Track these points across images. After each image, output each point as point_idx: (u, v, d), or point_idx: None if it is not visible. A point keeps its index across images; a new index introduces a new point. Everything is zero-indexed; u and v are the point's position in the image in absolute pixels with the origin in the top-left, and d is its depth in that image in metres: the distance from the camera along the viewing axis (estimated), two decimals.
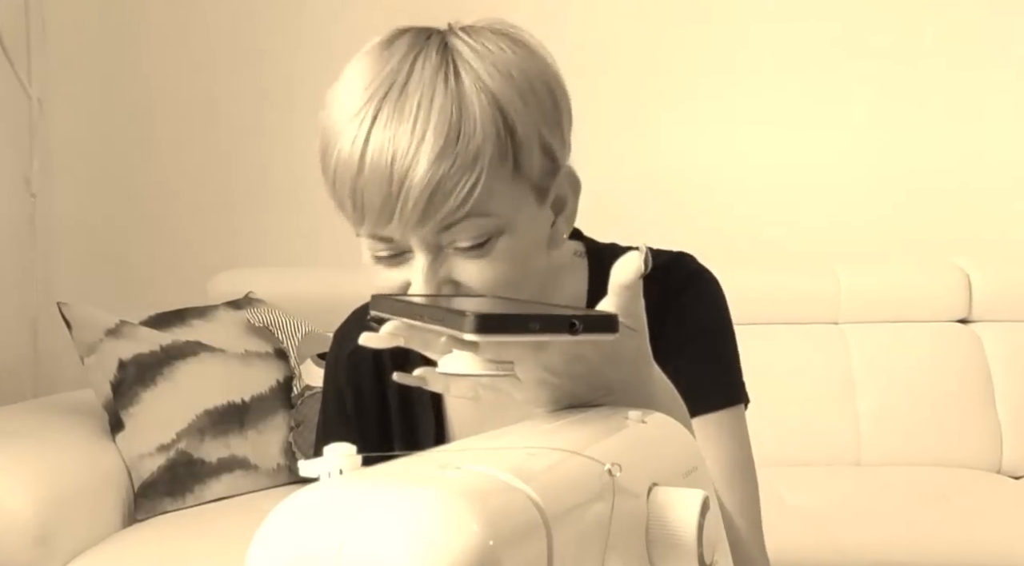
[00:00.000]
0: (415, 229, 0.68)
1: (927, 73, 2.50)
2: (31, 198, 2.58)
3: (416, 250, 0.70)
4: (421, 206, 0.66)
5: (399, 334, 0.56)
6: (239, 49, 2.66)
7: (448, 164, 0.65)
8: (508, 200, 0.70)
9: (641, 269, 0.54)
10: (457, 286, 0.71)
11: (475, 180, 0.66)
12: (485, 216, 0.68)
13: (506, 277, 0.71)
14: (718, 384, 0.83)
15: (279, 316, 2.14)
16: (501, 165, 0.68)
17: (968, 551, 1.69)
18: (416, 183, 0.65)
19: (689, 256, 0.87)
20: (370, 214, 0.68)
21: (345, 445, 0.43)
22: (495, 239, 0.70)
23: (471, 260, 0.70)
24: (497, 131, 0.68)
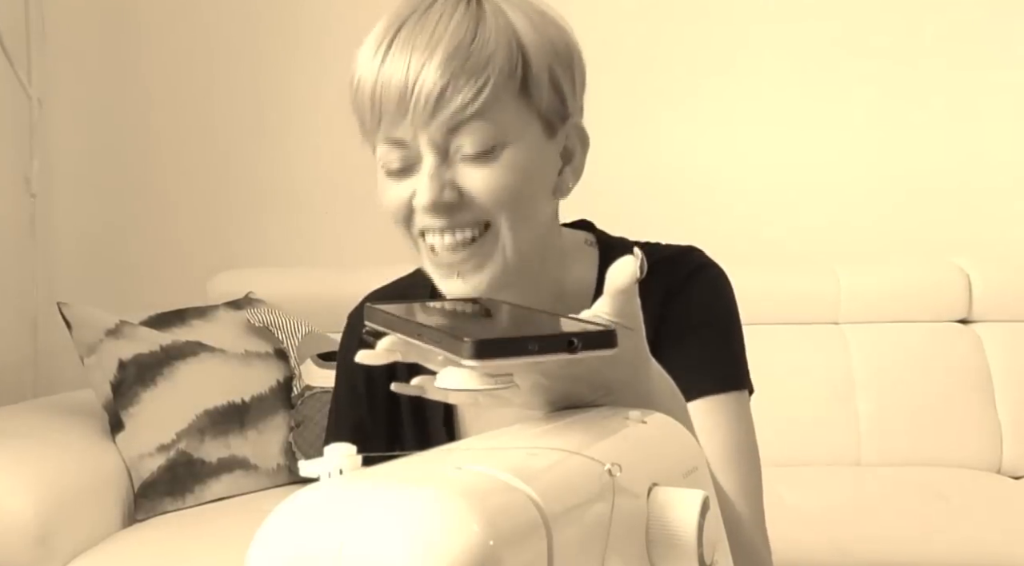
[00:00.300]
0: (425, 127, 0.72)
1: (927, 73, 2.50)
2: (31, 198, 2.58)
3: (424, 152, 0.74)
4: (432, 100, 0.71)
5: (396, 350, 0.56)
6: (238, 50, 2.66)
7: (460, 63, 0.71)
8: (515, 117, 0.74)
9: (636, 274, 0.54)
10: (461, 193, 0.74)
11: (484, 82, 0.72)
12: (491, 122, 0.73)
13: (510, 190, 0.75)
14: (721, 368, 0.84)
15: (279, 316, 2.14)
16: (510, 79, 0.73)
17: (968, 551, 1.69)
18: (429, 78, 0.71)
19: (698, 250, 0.90)
20: (386, 114, 0.73)
21: (345, 445, 0.43)
22: (500, 149, 0.74)
23: (476, 168, 0.74)
24: (509, 48, 0.73)
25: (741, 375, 0.85)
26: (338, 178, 2.63)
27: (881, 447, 2.16)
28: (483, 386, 0.48)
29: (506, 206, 0.75)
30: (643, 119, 2.54)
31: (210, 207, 2.68)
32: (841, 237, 2.51)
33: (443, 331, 0.48)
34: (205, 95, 2.68)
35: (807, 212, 2.53)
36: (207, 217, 2.68)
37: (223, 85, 2.67)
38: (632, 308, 0.56)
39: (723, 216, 2.52)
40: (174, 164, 2.69)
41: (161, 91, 2.69)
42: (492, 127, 0.73)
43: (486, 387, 0.48)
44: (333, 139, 2.64)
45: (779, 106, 2.55)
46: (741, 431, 0.83)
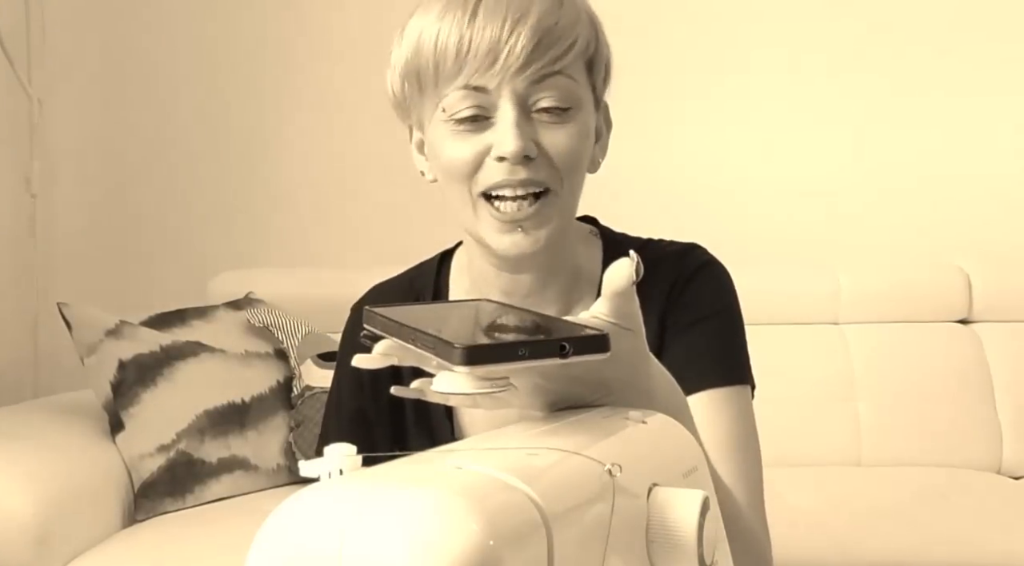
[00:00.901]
0: (515, 75, 0.75)
1: (927, 74, 2.50)
2: (31, 198, 2.58)
3: (504, 102, 0.76)
4: (529, 48, 0.74)
5: (392, 354, 0.56)
6: (239, 50, 2.66)
7: (551, 23, 0.76)
8: (583, 86, 0.80)
9: (633, 276, 0.54)
10: (539, 149, 0.77)
11: (570, 45, 0.77)
12: (572, 80, 0.78)
13: (578, 154, 0.79)
14: (723, 362, 0.85)
15: (279, 316, 2.14)
16: (585, 49, 0.79)
17: (968, 551, 1.69)
18: (525, 32, 0.74)
19: (700, 247, 0.91)
20: (474, 60, 0.75)
21: (345, 445, 0.44)
22: (575, 110, 0.78)
23: (554, 126, 0.78)
24: (586, 22, 0.80)
25: (743, 370, 0.86)
26: (339, 179, 2.63)
27: (881, 447, 2.16)
28: (478, 389, 0.48)
29: (572, 169, 0.79)
30: (643, 119, 2.54)
31: (210, 207, 2.68)
32: (841, 237, 2.51)
33: (435, 337, 0.48)
34: (205, 95, 2.68)
35: (807, 212, 2.53)
36: (207, 217, 2.68)
37: (223, 85, 2.67)
38: (630, 309, 0.56)
39: (723, 216, 2.52)
40: (174, 165, 2.69)
41: (161, 91, 2.69)
42: (572, 86, 0.78)
43: (481, 390, 0.48)
44: (333, 140, 2.64)
45: (779, 106, 2.55)
46: (742, 423, 0.84)
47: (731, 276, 0.90)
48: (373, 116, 2.60)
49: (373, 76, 2.60)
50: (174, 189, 2.69)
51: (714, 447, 0.79)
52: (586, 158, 0.81)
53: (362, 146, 2.60)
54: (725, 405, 0.83)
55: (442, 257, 0.97)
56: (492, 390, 0.49)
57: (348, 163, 2.63)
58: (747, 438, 0.84)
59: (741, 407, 0.84)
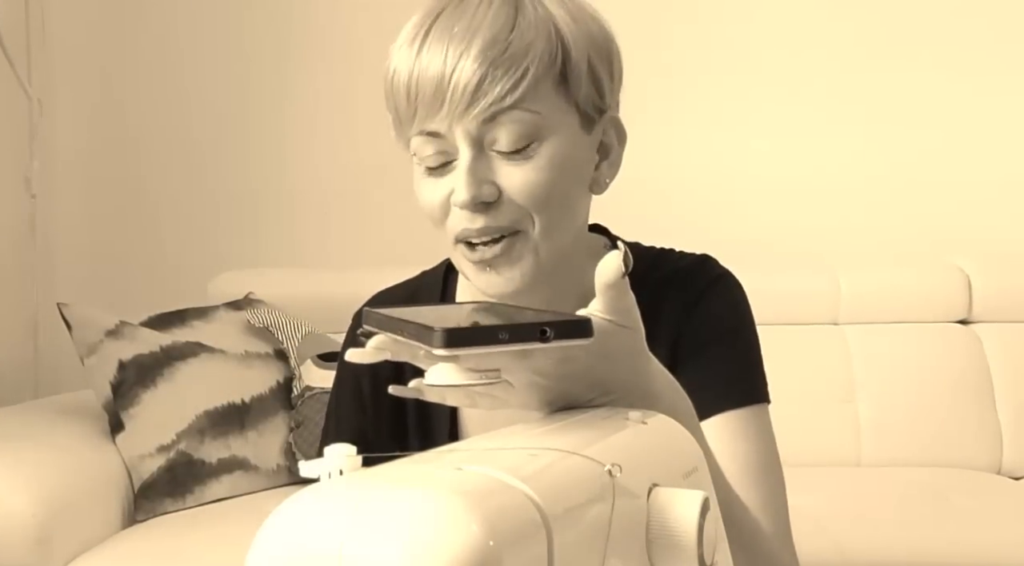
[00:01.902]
0: (461, 118, 0.70)
1: (927, 74, 2.50)
2: (31, 199, 2.58)
3: (460, 145, 0.72)
4: (470, 91, 0.69)
5: (385, 348, 0.56)
6: (239, 50, 2.66)
7: (498, 52, 0.70)
8: (553, 109, 0.73)
9: (622, 268, 0.54)
10: (499, 191, 0.73)
11: (522, 73, 0.70)
12: (529, 114, 0.71)
13: (547, 188, 0.73)
14: (739, 382, 0.83)
15: (279, 317, 2.14)
16: (549, 69, 0.72)
17: (968, 552, 1.69)
18: (467, 68, 0.69)
19: (713, 260, 0.89)
20: (422, 105, 0.72)
21: (345, 446, 0.44)
22: (536, 144, 0.73)
23: (513, 164, 0.73)
24: (549, 37, 0.72)
25: (759, 388, 0.84)
26: (338, 179, 2.63)
27: (881, 448, 2.16)
28: (468, 381, 0.48)
29: (542, 204, 0.74)
30: (642, 120, 2.53)
31: (210, 208, 2.68)
32: (841, 238, 2.51)
33: (419, 324, 0.48)
34: (205, 96, 2.68)
35: (807, 213, 2.53)
36: (207, 218, 2.68)
37: (223, 87, 2.67)
38: (625, 304, 0.56)
39: (723, 216, 2.52)
40: (174, 164, 2.69)
41: (161, 92, 2.69)
42: (530, 119, 0.71)
43: (471, 382, 0.48)
44: (333, 140, 2.64)
45: (779, 107, 2.55)
46: (762, 444, 0.82)
47: (742, 287, 0.88)
48: (374, 116, 2.58)
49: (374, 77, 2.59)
50: (174, 189, 2.69)
51: (735, 473, 0.77)
52: (567, 185, 0.75)
53: (363, 147, 2.60)
54: (743, 427, 0.81)
55: (448, 265, 0.94)
56: (482, 382, 0.49)
57: (349, 164, 2.63)
58: (769, 461, 0.82)
59: (760, 427, 0.83)
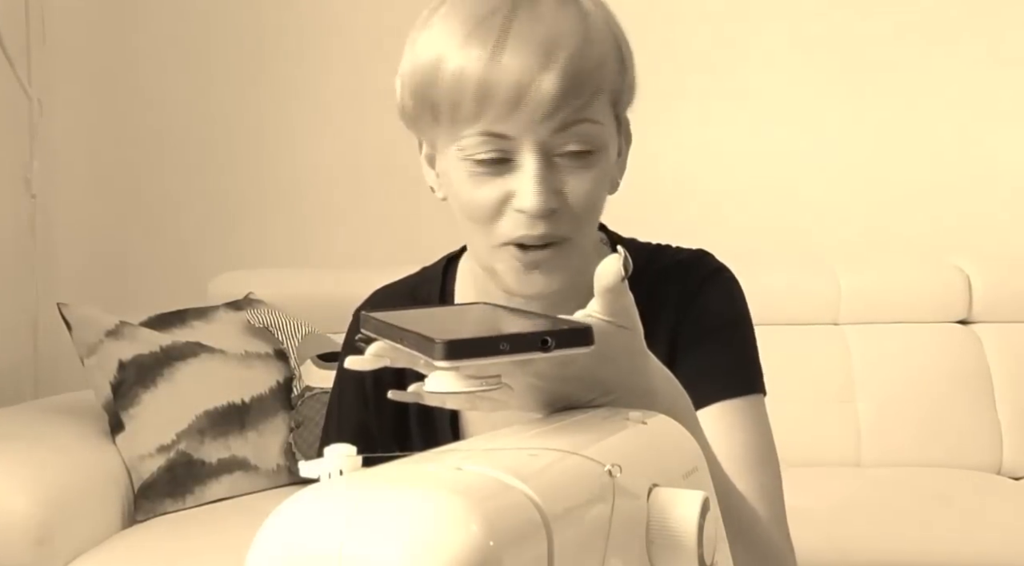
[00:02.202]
0: (540, 124, 0.70)
1: (927, 74, 2.50)
2: (31, 199, 2.58)
3: (529, 153, 0.72)
4: (557, 96, 0.69)
5: (384, 355, 0.55)
6: (239, 50, 2.66)
7: (586, 58, 0.71)
8: (607, 117, 0.76)
9: (621, 272, 0.54)
10: (562, 199, 0.74)
11: (597, 86, 0.72)
12: (597, 124, 0.73)
13: (600, 198, 0.76)
14: (736, 374, 0.84)
15: (279, 317, 2.14)
16: (618, 76, 0.75)
17: (968, 552, 1.69)
18: (552, 78, 0.69)
19: (708, 254, 0.90)
20: (494, 107, 0.70)
21: (345, 446, 0.43)
22: (597, 153, 0.74)
23: (576, 172, 0.73)
24: (617, 51, 0.75)
25: (756, 379, 0.85)
26: (339, 179, 2.63)
27: (881, 448, 2.16)
28: (468, 388, 0.48)
29: (591, 215, 0.77)
30: (642, 119, 2.54)
31: (211, 208, 2.68)
32: (841, 238, 2.51)
33: (419, 334, 0.48)
34: (205, 96, 2.68)
35: (807, 213, 2.53)
36: (208, 218, 2.68)
37: (223, 86, 2.67)
38: (624, 305, 0.56)
39: (723, 216, 2.52)
40: (174, 165, 2.69)
41: (161, 92, 2.69)
42: (599, 129, 0.74)
43: (471, 389, 0.48)
44: (334, 140, 2.64)
45: (779, 106, 2.55)
46: (758, 434, 0.83)
47: (738, 281, 0.88)
48: (374, 116, 2.60)
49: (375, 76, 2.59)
50: (174, 189, 2.69)
51: (732, 461, 0.77)
52: (604, 199, 0.78)
53: (363, 146, 2.60)
54: (740, 417, 0.82)
55: (447, 262, 0.94)
56: (483, 388, 0.48)
57: (349, 163, 2.63)
58: (765, 450, 0.83)
59: (756, 417, 0.83)
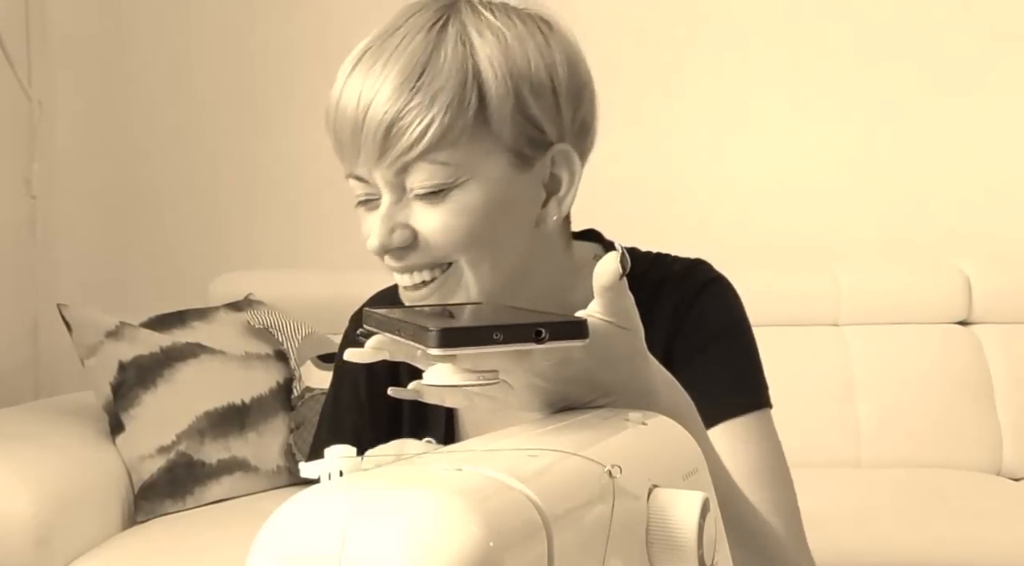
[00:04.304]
0: (376, 165, 0.71)
1: (927, 74, 2.50)
2: (31, 200, 2.58)
3: (381, 189, 0.73)
4: (379, 140, 0.69)
5: (383, 348, 0.56)
6: (238, 52, 2.66)
7: (405, 101, 0.68)
8: (471, 153, 0.71)
9: (619, 270, 0.53)
10: (414, 233, 0.73)
11: (430, 121, 0.68)
12: (440, 163, 0.70)
13: (465, 232, 0.72)
14: (739, 389, 0.82)
15: (279, 318, 2.14)
16: (461, 113, 0.69)
17: (968, 553, 1.69)
18: (373, 116, 0.69)
19: (706, 264, 0.88)
20: (344, 150, 0.73)
21: (345, 447, 0.44)
22: (451, 189, 0.71)
23: (428, 207, 0.72)
24: (465, 79, 0.69)
25: (759, 392, 0.83)
26: (339, 180, 2.62)
27: (881, 449, 2.16)
28: (466, 382, 0.48)
29: (462, 247, 0.72)
30: (641, 120, 2.54)
31: (211, 209, 2.68)
32: (841, 239, 2.51)
33: (414, 324, 0.48)
34: (205, 97, 2.68)
35: (807, 214, 2.53)
36: (208, 219, 2.68)
37: (223, 87, 2.67)
38: (624, 306, 0.55)
39: (723, 217, 2.52)
40: (174, 166, 2.69)
41: (161, 93, 2.69)
42: (440, 168, 0.70)
43: (468, 382, 0.48)
44: None
45: (778, 107, 2.55)
46: (767, 450, 0.81)
47: (736, 291, 0.86)
48: None
49: None
50: (174, 190, 2.69)
51: (744, 480, 0.75)
52: (493, 227, 0.72)
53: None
54: (748, 434, 0.80)
55: None
56: (480, 382, 0.49)
57: None
58: (776, 466, 0.81)
59: (765, 433, 0.81)
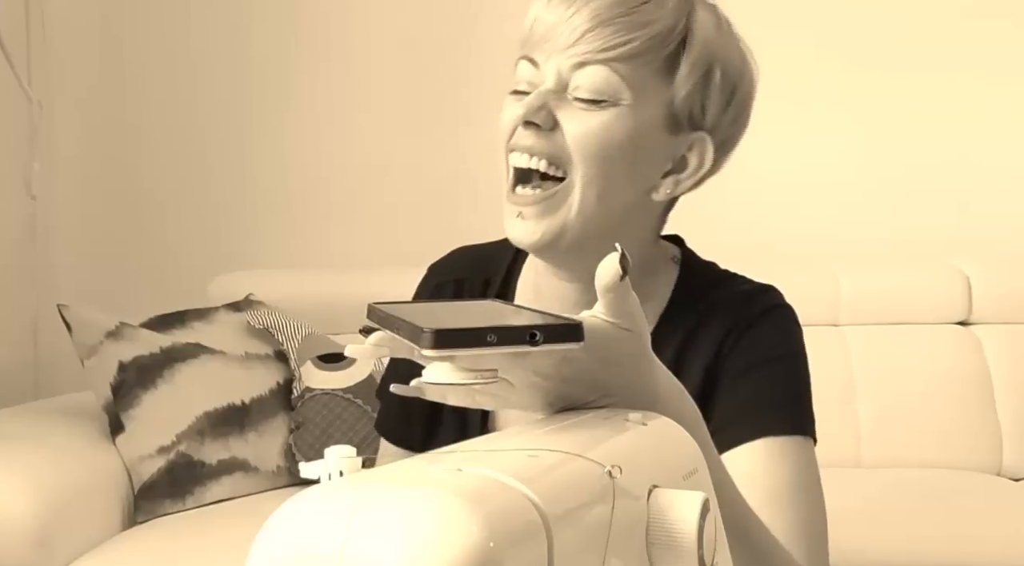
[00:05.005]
0: (562, 51, 0.74)
1: (927, 75, 2.50)
2: (31, 200, 2.58)
3: (547, 77, 0.76)
4: (580, 31, 0.73)
5: (383, 345, 0.56)
6: (238, 52, 2.66)
7: (620, 12, 0.73)
8: (643, 87, 0.75)
9: (619, 271, 0.53)
10: (556, 124, 0.75)
11: (630, 39, 0.73)
12: (615, 76, 0.74)
13: (596, 147, 0.75)
14: (783, 409, 0.80)
15: (279, 318, 2.14)
16: (658, 51, 0.74)
17: (968, 553, 1.69)
18: (585, 16, 0.73)
19: (773, 291, 0.88)
20: (537, 30, 0.76)
21: (345, 447, 0.44)
22: (609, 104, 0.74)
23: (580, 111, 0.75)
24: (677, 25, 0.75)
25: (805, 420, 0.81)
26: (339, 180, 2.63)
27: (881, 449, 2.16)
28: (464, 380, 0.48)
29: (587, 160, 0.75)
30: None
31: (211, 209, 2.68)
32: (841, 239, 2.51)
33: (411, 323, 0.48)
34: (205, 97, 2.68)
35: (807, 214, 2.53)
36: (207, 219, 2.68)
37: (223, 87, 2.67)
38: (628, 307, 0.55)
39: (722, 218, 2.51)
40: (174, 166, 2.69)
41: (161, 93, 2.69)
42: (613, 80, 0.74)
43: (466, 381, 0.48)
44: (334, 141, 2.64)
45: (778, 107, 2.54)
46: (805, 473, 0.78)
47: (799, 324, 0.85)
48: (374, 117, 2.60)
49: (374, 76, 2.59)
50: (174, 190, 2.69)
51: (769, 493, 0.73)
52: (618, 160, 0.75)
53: (363, 147, 2.60)
54: (786, 454, 0.77)
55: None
56: (478, 381, 0.49)
57: (349, 164, 2.63)
58: (811, 490, 0.77)
59: (804, 458, 0.78)
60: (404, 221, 2.54)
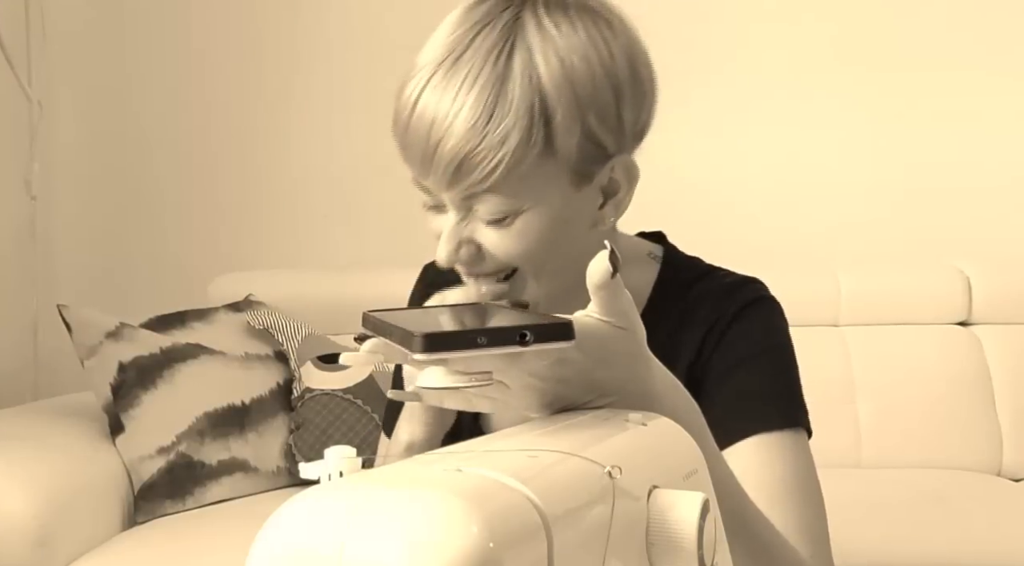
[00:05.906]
0: (445, 191, 0.73)
1: (926, 74, 2.50)
2: (31, 201, 2.58)
3: (448, 207, 0.75)
4: (449, 174, 0.71)
5: (378, 351, 0.56)
6: (238, 52, 2.66)
7: (476, 141, 0.69)
8: (536, 181, 0.72)
9: (610, 269, 0.53)
10: (479, 249, 0.75)
11: (498, 161, 0.70)
12: (506, 195, 0.72)
13: (528, 251, 0.74)
14: (773, 403, 0.80)
15: (279, 318, 2.14)
16: (528, 149, 0.70)
17: (968, 553, 1.69)
18: (445, 153, 0.70)
19: (758, 283, 0.88)
20: (412, 166, 0.74)
21: (345, 448, 0.44)
22: (515, 216, 0.73)
23: (493, 229, 0.74)
24: (531, 117, 0.70)
25: (797, 413, 0.81)
26: (338, 180, 2.64)
27: (881, 449, 2.16)
28: (457, 384, 0.48)
29: (522, 258, 0.75)
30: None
31: (211, 209, 2.68)
32: (841, 239, 2.51)
33: (402, 328, 0.48)
34: (205, 98, 2.68)
35: (807, 215, 2.53)
36: (208, 219, 2.68)
37: (223, 88, 2.67)
38: (621, 306, 0.55)
39: (722, 218, 2.52)
40: (174, 166, 2.70)
41: (161, 93, 2.69)
42: (508, 200, 0.72)
43: (460, 384, 0.48)
44: (334, 141, 2.64)
45: (778, 108, 2.55)
46: (800, 469, 0.77)
47: (784, 315, 0.85)
48: (374, 117, 2.58)
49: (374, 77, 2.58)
50: (174, 191, 2.69)
51: (766, 492, 0.72)
52: (554, 242, 0.75)
53: (363, 148, 2.60)
54: (781, 450, 0.77)
55: None
56: (472, 384, 0.49)
57: (349, 165, 2.63)
58: (807, 486, 0.77)
59: (799, 452, 0.78)
60: (404, 221, 2.54)
